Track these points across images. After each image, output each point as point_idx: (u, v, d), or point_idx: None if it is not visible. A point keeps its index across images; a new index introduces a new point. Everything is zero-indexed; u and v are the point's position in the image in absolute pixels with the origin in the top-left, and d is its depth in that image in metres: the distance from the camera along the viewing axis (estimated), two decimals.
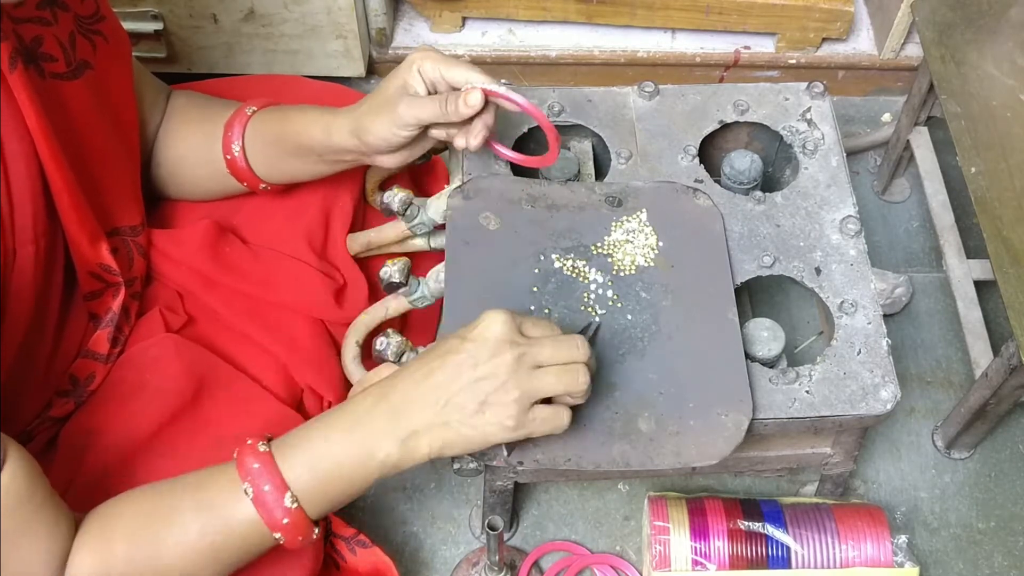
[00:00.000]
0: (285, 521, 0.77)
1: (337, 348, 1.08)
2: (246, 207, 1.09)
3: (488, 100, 0.92)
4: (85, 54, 0.87)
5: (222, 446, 0.84)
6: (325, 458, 0.78)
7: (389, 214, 1.05)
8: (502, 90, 0.91)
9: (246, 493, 0.76)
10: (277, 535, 0.78)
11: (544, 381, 0.78)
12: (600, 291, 0.97)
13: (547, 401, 0.80)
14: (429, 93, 0.92)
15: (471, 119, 0.92)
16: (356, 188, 1.14)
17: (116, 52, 0.92)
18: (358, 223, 1.14)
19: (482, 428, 0.78)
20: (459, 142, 0.95)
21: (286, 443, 0.79)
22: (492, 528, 1.01)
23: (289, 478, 0.77)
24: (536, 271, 0.98)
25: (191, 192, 1.08)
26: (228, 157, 1.01)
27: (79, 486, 0.88)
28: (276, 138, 0.99)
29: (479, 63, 1.53)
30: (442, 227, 1.03)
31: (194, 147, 1.03)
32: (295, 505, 0.77)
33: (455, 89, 0.91)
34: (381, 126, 0.92)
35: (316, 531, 0.80)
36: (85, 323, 0.94)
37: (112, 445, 0.91)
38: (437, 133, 0.94)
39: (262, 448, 0.78)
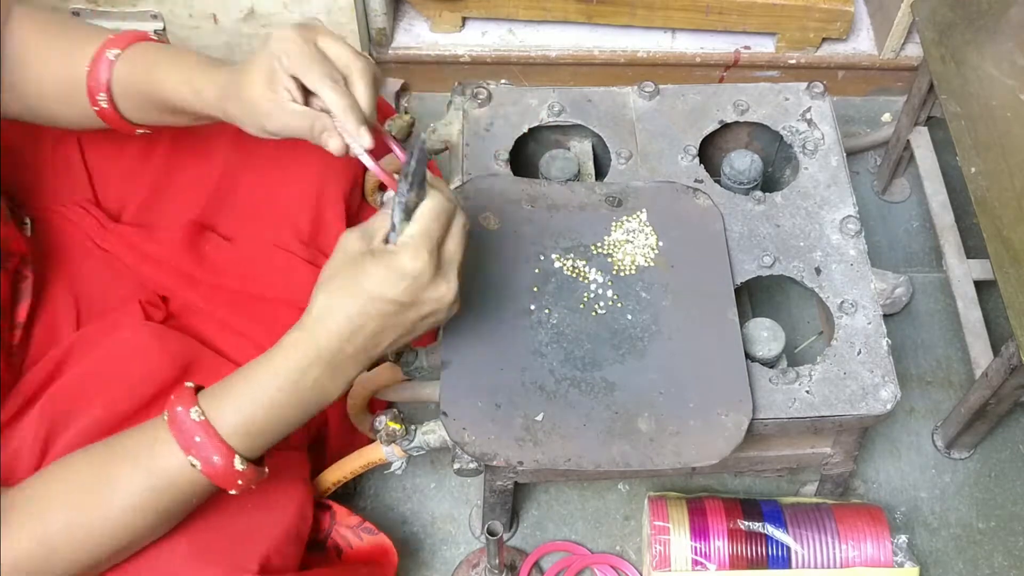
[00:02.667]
0: (240, 482, 0.78)
1: None
2: (229, 201, 1.07)
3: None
4: None
5: None
6: (268, 420, 0.77)
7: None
8: (353, 144, 0.81)
9: (194, 466, 0.76)
10: (232, 491, 0.79)
11: (455, 258, 0.78)
12: (600, 291, 0.97)
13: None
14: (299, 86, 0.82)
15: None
16: (349, 174, 1.11)
17: None
18: (353, 210, 1.12)
19: (422, 329, 0.80)
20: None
21: (223, 409, 0.77)
22: (491, 533, 1.01)
23: (233, 441, 0.76)
24: (536, 271, 0.98)
25: (56, 126, 0.98)
26: (96, 108, 0.91)
27: (56, 457, 0.86)
28: (145, 94, 0.90)
29: (479, 63, 1.54)
30: None
31: (56, 88, 0.92)
32: (245, 466, 0.77)
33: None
34: (250, 126, 0.85)
35: (266, 470, 0.81)
36: None
37: (92, 424, 0.89)
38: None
39: (196, 417, 0.76)
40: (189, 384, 0.79)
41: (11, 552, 0.73)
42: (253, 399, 0.77)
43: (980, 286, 1.29)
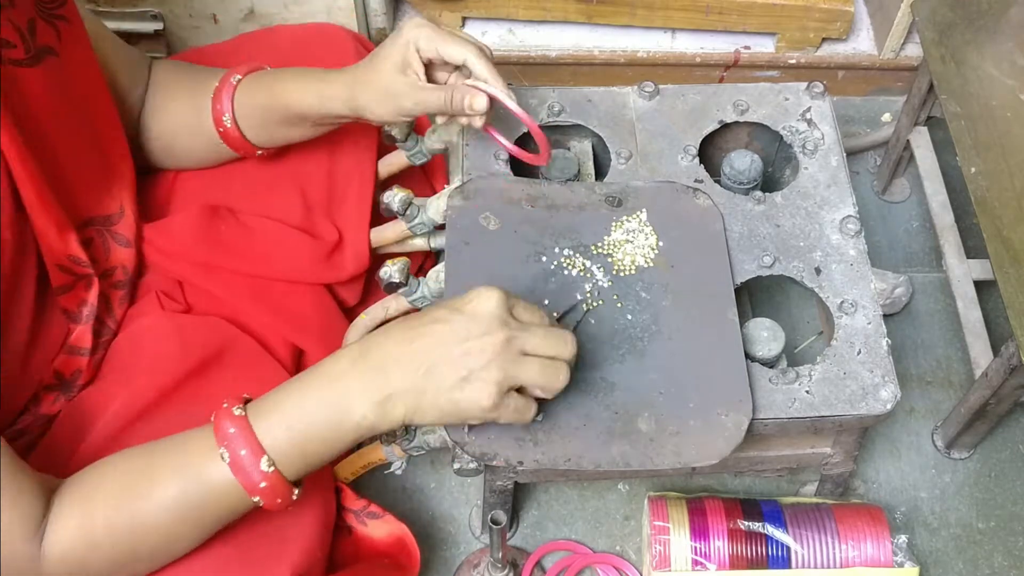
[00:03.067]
0: (263, 485, 0.76)
1: (344, 316, 1.10)
2: (240, 180, 1.09)
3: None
4: (47, 40, 0.85)
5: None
6: (301, 420, 0.77)
7: (389, 214, 1.05)
8: (500, 94, 0.91)
9: (223, 458, 0.76)
10: (256, 498, 0.77)
11: (528, 370, 0.78)
12: (600, 291, 0.97)
13: (519, 390, 0.80)
14: (427, 68, 0.92)
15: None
16: (371, 143, 1.14)
17: (80, 35, 0.90)
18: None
19: (458, 403, 0.77)
20: (461, 120, 0.96)
21: (262, 405, 0.78)
22: (495, 522, 1.01)
23: (265, 442, 0.76)
24: (536, 271, 0.98)
25: (186, 163, 1.07)
26: (220, 129, 1.01)
27: (83, 455, 0.89)
28: (267, 107, 0.99)
29: None
30: (442, 227, 1.03)
31: (184, 120, 1.03)
32: (272, 469, 0.76)
33: (448, 64, 0.92)
34: (383, 112, 0.93)
35: (296, 492, 0.80)
36: (65, 318, 0.93)
37: (114, 417, 0.90)
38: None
39: (237, 412, 0.77)
40: (245, 396, 0.80)
41: (57, 541, 0.74)
42: (288, 400, 0.78)
43: (980, 286, 1.29)
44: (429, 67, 0.93)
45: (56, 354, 0.92)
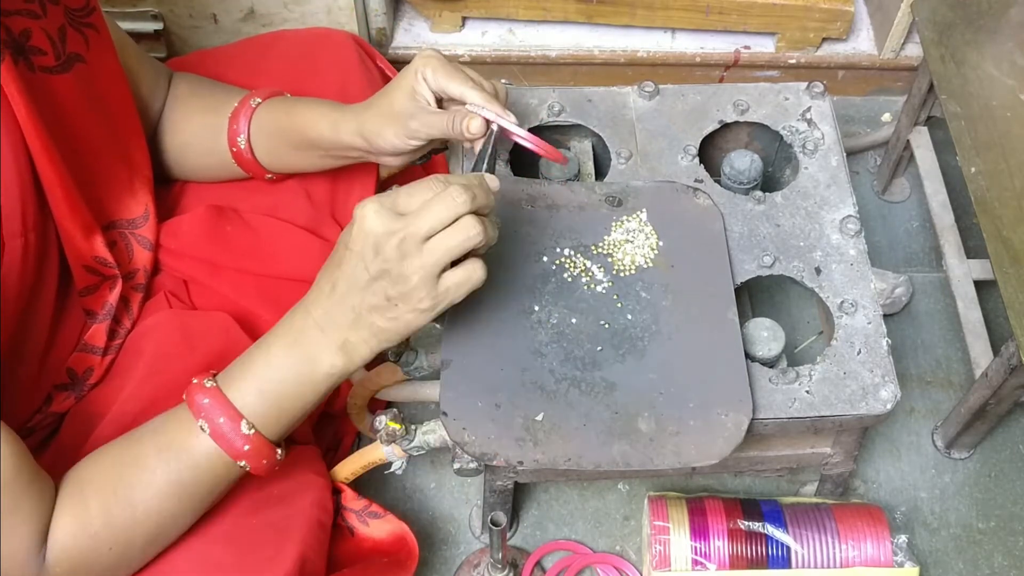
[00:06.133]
0: (246, 448, 0.80)
1: None
2: (246, 181, 1.10)
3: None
4: (77, 47, 0.87)
5: None
6: (271, 380, 0.80)
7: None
8: (501, 119, 0.92)
9: (203, 429, 0.78)
10: (242, 463, 0.80)
11: (437, 252, 0.75)
12: (600, 291, 0.97)
13: (459, 261, 0.78)
14: (438, 99, 0.94)
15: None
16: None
17: (107, 44, 0.92)
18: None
19: (402, 319, 0.78)
20: (465, 145, 0.99)
21: (231, 374, 0.81)
22: (495, 524, 1.01)
23: (240, 406, 0.79)
24: (536, 271, 0.98)
25: (196, 176, 1.09)
26: (234, 149, 1.03)
27: (89, 452, 0.89)
28: (282, 131, 1.01)
29: (479, 63, 1.54)
30: None
31: (199, 137, 1.04)
32: (252, 431, 0.79)
33: (454, 99, 0.94)
34: (391, 135, 0.94)
35: (280, 453, 0.83)
36: (83, 318, 0.95)
37: (119, 413, 0.91)
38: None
39: (208, 384, 0.80)
40: (213, 371, 0.83)
41: (58, 534, 0.76)
42: (256, 364, 0.80)
43: (980, 286, 1.29)
44: (440, 101, 0.95)
45: (70, 353, 0.94)
